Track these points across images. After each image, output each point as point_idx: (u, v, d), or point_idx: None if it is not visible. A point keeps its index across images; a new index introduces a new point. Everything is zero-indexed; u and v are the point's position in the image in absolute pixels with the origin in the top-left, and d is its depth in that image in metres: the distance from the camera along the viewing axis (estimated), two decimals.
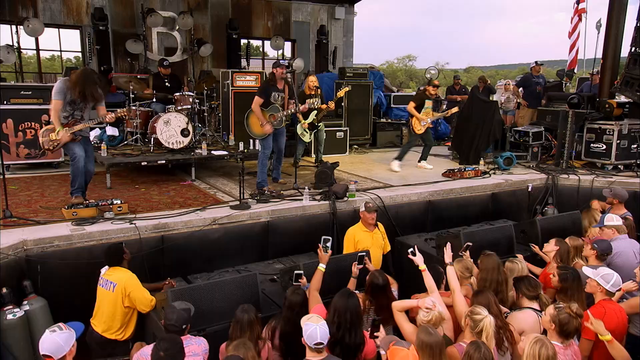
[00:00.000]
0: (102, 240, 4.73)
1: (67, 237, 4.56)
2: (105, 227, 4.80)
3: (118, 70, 11.34)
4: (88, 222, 4.87)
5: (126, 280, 4.02)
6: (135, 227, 4.86)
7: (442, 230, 6.26)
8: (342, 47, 14.69)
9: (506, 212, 7.22)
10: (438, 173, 7.96)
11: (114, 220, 4.97)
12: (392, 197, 6.53)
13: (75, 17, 11.14)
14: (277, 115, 6.49)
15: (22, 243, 4.38)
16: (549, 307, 3.47)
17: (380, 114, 11.73)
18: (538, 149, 8.98)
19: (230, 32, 12.36)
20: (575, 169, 8.05)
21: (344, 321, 3.40)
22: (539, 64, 10.71)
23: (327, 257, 4.21)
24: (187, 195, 6.20)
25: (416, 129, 8.22)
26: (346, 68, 10.74)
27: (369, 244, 5.16)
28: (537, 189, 7.60)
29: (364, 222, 5.23)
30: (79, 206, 5.04)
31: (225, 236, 5.35)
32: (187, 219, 5.19)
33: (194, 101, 7.53)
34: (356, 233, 5.22)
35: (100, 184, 6.65)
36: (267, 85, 6.51)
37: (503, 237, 5.42)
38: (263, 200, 5.92)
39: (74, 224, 4.82)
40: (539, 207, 7.51)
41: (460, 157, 9.01)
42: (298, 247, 5.66)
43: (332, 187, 6.30)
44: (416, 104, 8.20)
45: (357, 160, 9.42)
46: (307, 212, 5.93)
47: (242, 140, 8.38)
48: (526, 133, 8.93)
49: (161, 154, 7.11)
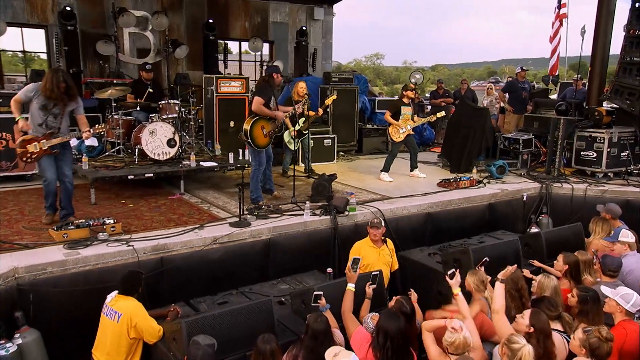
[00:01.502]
0: (97, 265, 4.55)
1: (61, 263, 4.37)
2: (101, 250, 4.63)
3: (88, 72, 11.02)
4: (81, 244, 4.68)
5: (132, 310, 3.88)
6: (133, 249, 4.70)
7: (444, 243, 6.31)
8: (321, 48, 14.71)
9: (503, 222, 7.36)
10: (431, 182, 8.05)
11: (108, 242, 4.79)
12: (392, 210, 6.56)
13: (40, 15, 10.75)
14: (277, 121, 6.41)
15: (13, 271, 4.17)
16: (577, 331, 3.53)
17: (365, 119, 11.77)
18: (528, 156, 9.21)
19: (207, 33, 12.18)
20: (567, 177, 8.28)
21: (397, 345, 3.38)
22: (524, 70, 11.00)
23: (355, 276, 4.22)
24: (180, 211, 6.05)
25: (394, 137, 8.28)
26: (331, 73, 10.74)
27: (373, 260, 5.16)
28: (531, 198, 7.78)
29: (370, 237, 5.23)
30: (70, 227, 4.84)
31: (225, 256, 5.25)
32: (186, 239, 5.06)
33: (180, 109, 7.35)
34: (362, 248, 5.21)
35: (84, 199, 6.42)
36: (268, 87, 6.42)
37: (510, 252, 5.52)
38: (262, 216, 5.84)
39: (67, 247, 4.62)
40: (534, 216, 7.69)
41: (451, 165, 9.14)
42: (300, 265, 5.60)
43: (332, 200, 6.27)
44: (392, 112, 8.26)
45: (346, 168, 9.42)
46: (308, 228, 5.89)
47: (229, 148, 8.30)
48: (516, 140, 9.14)
49: (147, 165, 6.92)
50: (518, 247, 5.56)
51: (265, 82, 6.46)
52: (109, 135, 7.36)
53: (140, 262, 4.70)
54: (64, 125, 5.28)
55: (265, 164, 6.59)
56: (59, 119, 5.20)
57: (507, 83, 11.67)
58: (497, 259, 5.19)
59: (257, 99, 6.36)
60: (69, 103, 5.22)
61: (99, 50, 10.78)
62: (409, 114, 8.30)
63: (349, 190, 7.40)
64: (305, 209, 6.00)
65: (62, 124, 5.25)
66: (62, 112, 5.21)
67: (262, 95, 6.39)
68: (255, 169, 6.50)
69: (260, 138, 6.36)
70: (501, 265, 5.09)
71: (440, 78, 13.50)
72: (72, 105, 5.27)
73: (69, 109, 5.27)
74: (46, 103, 5.12)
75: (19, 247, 4.63)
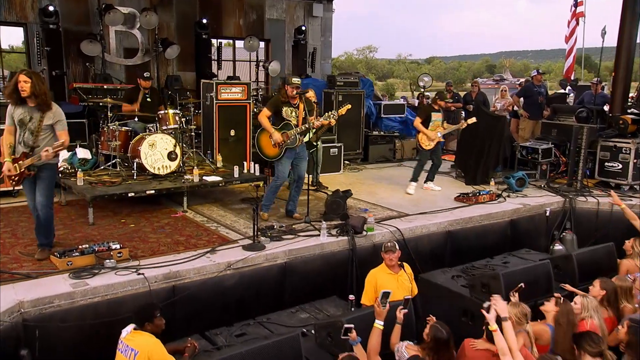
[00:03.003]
0: (107, 296, 4.53)
1: (69, 295, 4.35)
2: (110, 280, 4.61)
3: (71, 74, 10.96)
4: (88, 273, 4.66)
5: (151, 348, 3.87)
6: (144, 278, 4.69)
7: (466, 264, 6.36)
8: (320, 47, 14.76)
9: (525, 239, 7.46)
10: (447, 196, 8.13)
11: (117, 269, 4.77)
12: (411, 229, 6.61)
13: (18, 12, 10.65)
14: (291, 133, 6.43)
15: (18, 305, 4.14)
16: None
17: (370, 125, 11.83)
18: (547, 166, 9.32)
19: (200, 32, 12.20)
20: (590, 190, 8.41)
21: None
22: (540, 73, 11.13)
23: (385, 312, 4.20)
24: (187, 232, 6.04)
25: (424, 145, 8.34)
26: (336, 76, 10.76)
27: (392, 287, 5.12)
28: (554, 213, 7.90)
29: (386, 263, 5.26)
30: (74, 254, 4.81)
31: (240, 282, 5.26)
32: (199, 265, 5.06)
33: (180, 120, 7.34)
34: (378, 276, 5.23)
35: (80, 218, 6.39)
36: (278, 99, 6.47)
37: (541, 275, 5.59)
38: (276, 238, 5.85)
39: (72, 276, 4.60)
40: (557, 232, 7.80)
41: (466, 176, 9.22)
42: (317, 291, 5.62)
43: (349, 220, 6.30)
44: (422, 118, 8.33)
45: (354, 179, 9.47)
46: (325, 250, 5.91)
47: (230, 159, 8.30)
48: (535, 150, 9.25)
49: (146, 181, 6.90)
50: (549, 270, 5.63)
51: (276, 95, 6.53)
52: (104, 147, 7.32)
53: (152, 292, 4.69)
54: (45, 146, 4.88)
55: (296, 182, 6.68)
56: (34, 135, 4.87)
57: (522, 87, 11.80)
58: (527, 283, 5.26)
59: (263, 110, 6.53)
60: (44, 115, 4.85)
61: (83, 51, 10.74)
62: (439, 120, 8.39)
63: (363, 207, 7.46)
64: (321, 230, 6.03)
65: (42, 142, 4.91)
66: (39, 127, 4.87)
67: (269, 106, 6.51)
68: (273, 181, 6.60)
69: (268, 147, 6.42)
70: (532, 291, 5.19)
71: (449, 80, 13.61)
72: (50, 119, 4.89)
73: (47, 123, 4.89)
74: (23, 117, 4.85)
75: (20, 277, 4.59)
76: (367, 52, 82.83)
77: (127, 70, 11.70)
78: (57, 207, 6.94)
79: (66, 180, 6.87)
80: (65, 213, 6.68)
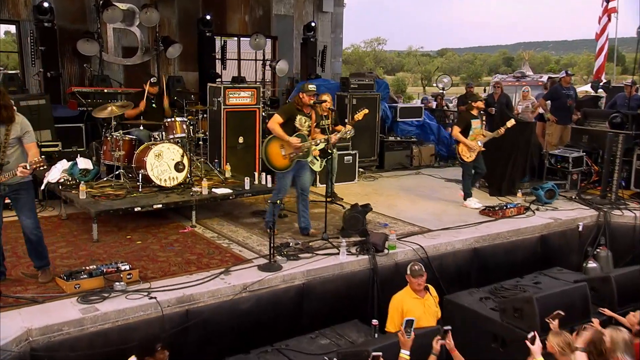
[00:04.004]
0: (118, 322, 4.60)
1: (78, 322, 4.41)
2: (121, 305, 4.67)
3: (66, 75, 11.04)
4: (97, 297, 4.73)
5: None
6: (156, 302, 4.75)
7: (495, 285, 6.39)
8: (330, 44, 14.82)
9: (556, 256, 7.49)
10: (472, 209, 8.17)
11: (127, 293, 4.83)
12: (435, 247, 6.66)
13: (10, 9, 10.74)
14: (303, 145, 6.48)
15: (26, 333, 4.21)
16: None
17: (385, 129, 11.88)
18: (578, 176, 9.35)
19: (203, 29, 12.26)
20: (626, 202, 8.43)
21: None
22: (569, 74, 11.14)
23: (410, 342, 4.24)
24: (197, 249, 6.11)
25: (465, 157, 8.16)
26: (350, 78, 10.81)
27: (419, 313, 5.18)
28: (587, 228, 7.93)
29: (413, 287, 5.30)
30: (82, 276, 4.88)
31: (256, 305, 5.32)
32: (214, 288, 5.12)
33: (188, 128, 7.41)
34: (404, 301, 5.27)
35: (83, 234, 6.48)
36: (292, 106, 6.52)
37: (577, 298, 5.62)
38: (293, 257, 5.91)
39: (81, 300, 4.67)
40: (590, 249, 7.83)
41: (491, 187, 9.24)
42: (337, 314, 5.68)
43: (369, 237, 6.35)
44: (461, 127, 8.18)
45: (370, 189, 9.53)
46: (344, 270, 5.97)
47: (238, 169, 8.37)
48: (565, 158, 9.28)
49: (152, 194, 6.98)
50: (586, 293, 5.66)
51: (291, 102, 6.57)
52: (107, 157, 7.39)
53: (165, 316, 4.75)
54: (16, 161, 4.81)
55: (300, 195, 6.70)
56: (1, 151, 4.78)
57: (549, 89, 11.81)
58: (563, 307, 5.30)
59: (275, 116, 6.48)
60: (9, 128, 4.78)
61: (80, 50, 10.80)
62: (479, 127, 8.23)
63: (382, 221, 7.52)
64: (340, 248, 6.08)
65: (10, 157, 4.84)
66: (6, 142, 4.78)
67: (282, 113, 6.50)
68: (274, 194, 6.60)
69: (276, 158, 6.42)
70: (568, 315, 5.21)
71: (469, 82, 13.66)
72: (17, 131, 4.82)
73: (14, 137, 4.82)
74: None
75: (26, 302, 4.65)
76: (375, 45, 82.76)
77: (125, 71, 11.80)
78: (57, 221, 7.09)
79: (67, 193, 6.93)
80: (67, 228, 6.77)
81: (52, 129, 8.83)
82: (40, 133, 8.26)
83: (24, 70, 10.82)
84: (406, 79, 71.42)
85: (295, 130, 6.49)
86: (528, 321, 5.21)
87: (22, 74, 10.76)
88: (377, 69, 77.32)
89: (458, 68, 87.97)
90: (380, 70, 78.08)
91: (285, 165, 6.51)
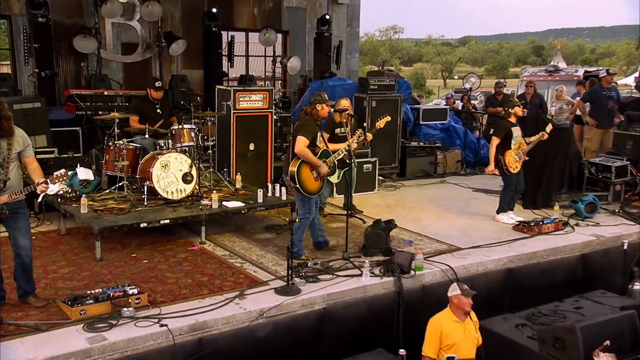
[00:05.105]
0: (127, 352, 4.68)
1: (85, 352, 4.49)
2: (130, 333, 4.75)
3: (62, 75, 11.19)
4: (104, 324, 4.81)
5: None
6: (167, 330, 4.83)
7: (531, 310, 6.42)
8: (346, 39, 14.90)
9: (598, 277, 7.51)
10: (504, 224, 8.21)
11: (136, 319, 4.92)
12: (465, 267, 6.71)
13: (1, 3, 10.89)
14: (329, 162, 6.58)
15: None
16: None
17: (407, 133, 11.93)
18: (621, 187, 9.35)
19: (209, 24, 12.38)
20: None
21: None
22: (611, 74, 11.15)
23: None
24: (209, 270, 6.19)
25: (512, 168, 8.12)
26: (369, 79, 10.85)
27: (460, 338, 5.28)
28: (633, 245, 7.94)
29: (456, 309, 5.35)
30: (87, 301, 4.97)
31: (274, 332, 5.38)
32: (228, 314, 5.20)
33: (197, 136, 7.51)
34: (444, 324, 5.32)
35: (85, 252, 6.58)
36: (312, 124, 6.55)
37: (625, 328, 5.64)
38: (312, 279, 5.98)
39: (87, 328, 4.75)
40: (637, 269, 7.82)
41: (524, 199, 9.22)
42: (360, 341, 5.75)
43: (394, 256, 6.41)
44: (501, 138, 8.13)
45: (391, 200, 9.59)
46: (368, 294, 6.03)
47: (249, 178, 8.45)
48: (607, 167, 9.29)
49: (158, 207, 7.09)
50: (635, 322, 5.68)
51: (308, 115, 6.59)
52: (109, 167, 7.50)
53: (177, 345, 4.83)
54: (15, 177, 4.93)
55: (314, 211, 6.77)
56: (4, 167, 4.84)
57: (588, 90, 11.81)
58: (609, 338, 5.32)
59: (301, 139, 6.34)
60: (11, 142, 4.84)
61: (76, 47, 10.94)
62: (520, 135, 8.20)
63: (407, 237, 7.57)
64: (363, 269, 6.14)
65: (12, 173, 4.90)
66: (8, 157, 4.85)
67: (306, 133, 6.40)
68: (303, 218, 6.60)
69: (310, 182, 6.47)
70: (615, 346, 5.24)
71: (499, 80, 13.67)
72: (19, 145, 4.92)
73: (16, 151, 4.91)
74: None
75: (28, 330, 4.74)
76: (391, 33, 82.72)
77: (125, 69, 11.94)
78: (57, 236, 7.21)
79: (67, 206, 7.05)
80: (67, 245, 6.88)
81: (48, 134, 8.99)
82: (35, 139, 8.38)
83: (15, 70, 10.96)
84: (425, 71, 71.25)
85: (316, 147, 6.58)
86: (570, 353, 5.25)
87: (14, 73, 10.89)
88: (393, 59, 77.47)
89: (482, 58, 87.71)
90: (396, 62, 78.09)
91: (318, 187, 6.61)
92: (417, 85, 50.34)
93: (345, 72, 14.66)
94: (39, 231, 7.26)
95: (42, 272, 5.99)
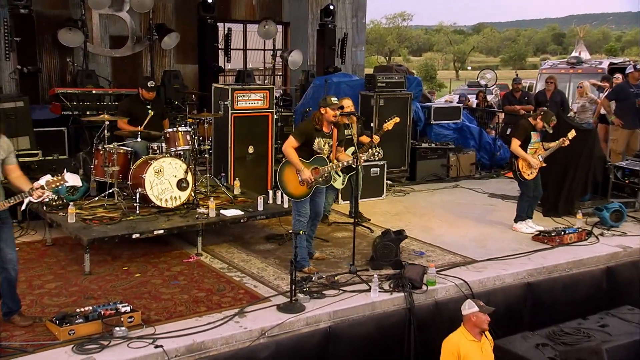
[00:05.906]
0: None
1: None
2: (123, 355, 4.77)
3: (45, 70, 11.24)
4: (95, 345, 4.84)
5: None
6: (163, 351, 4.86)
7: (553, 327, 6.46)
8: (351, 31, 14.95)
9: (625, 292, 7.54)
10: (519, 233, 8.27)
11: (129, 340, 4.96)
12: (481, 282, 6.74)
13: None
14: (323, 170, 6.59)
15: None
16: None
17: (417, 133, 11.95)
18: None
19: (204, 15, 12.41)
20: None
21: None
22: (638, 69, 11.14)
23: None
24: (206, 284, 6.23)
25: (525, 174, 8.19)
26: (377, 76, 10.87)
27: (477, 358, 5.32)
28: None
29: (473, 327, 5.38)
30: (77, 320, 5.00)
31: (276, 353, 5.41)
32: (227, 334, 5.23)
33: (192, 139, 7.55)
34: (461, 344, 5.35)
35: (72, 265, 6.61)
36: (309, 126, 6.60)
37: None
38: (316, 295, 6.01)
39: (77, 350, 4.78)
40: None
41: (544, 206, 9.26)
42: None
43: (404, 270, 6.45)
44: (521, 140, 8.17)
45: (401, 207, 9.62)
46: (376, 311, 6.06)
47: (247, 184, 8.49)
48: (634, 172, 9.29)
49: (151, 215, 7.13)
50: None
51: (307, 120, 6.65)
52: (98, 173, 7.54)
53: None
54: None
55: (311, 219, 6.80)
56: None
57: (614, 88, 11.82)
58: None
59: (289, 139, 6.56)
60: None
61: (61, 41, 11.00)
62: (539, 140, 8.29)
63: (418, 248, 7.60)
64: (371, 284, 6.18)
65: None
66: None
67: (298, 135, 6.55)
68: (295, 221, 6.70)
69: (293, 185, 6.52)
70: None
71: (517, 77, 13.70)
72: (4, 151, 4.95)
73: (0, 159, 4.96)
74: None
75: (13, 352, 4.78)
76: (399, 21, 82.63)
77: (113, 64, 12.02)
78: (42, 247, 7.24)
79: (53, 215, 7.09)
80: (53, 257, 6.91)
81: (31, 136, 9.00)
82: (18, 140, 8.43)
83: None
84: (435, 61, 71.09)
85: (313, 153, 6.61)
86: None
87: None
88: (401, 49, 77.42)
89: (497, 47, 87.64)
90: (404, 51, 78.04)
91: (303, 193, 6.60)
92: (427, 77, 50.26)
93: (351, 67, 14.71)
94: (23, 241, 7.27)
95: (27, 287, 6.00)
